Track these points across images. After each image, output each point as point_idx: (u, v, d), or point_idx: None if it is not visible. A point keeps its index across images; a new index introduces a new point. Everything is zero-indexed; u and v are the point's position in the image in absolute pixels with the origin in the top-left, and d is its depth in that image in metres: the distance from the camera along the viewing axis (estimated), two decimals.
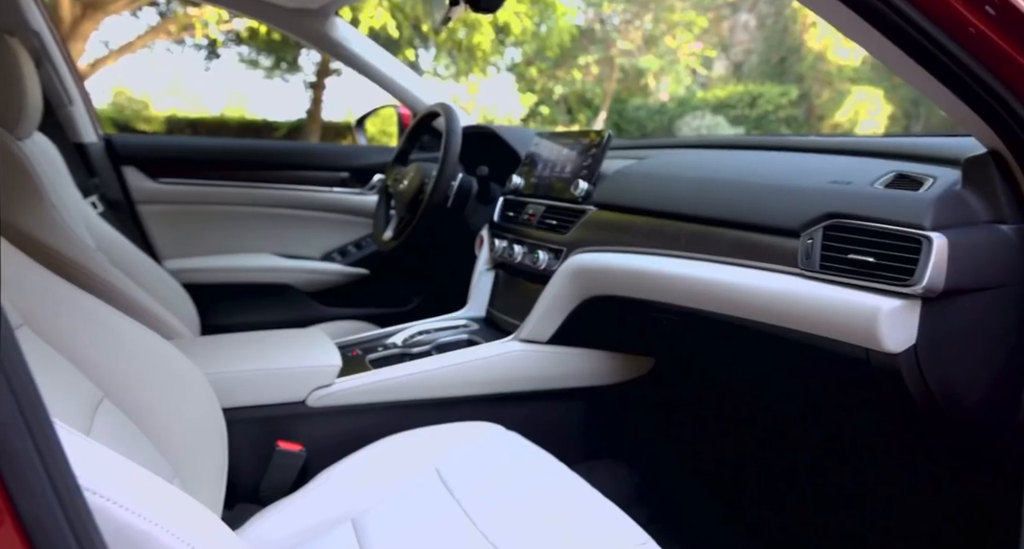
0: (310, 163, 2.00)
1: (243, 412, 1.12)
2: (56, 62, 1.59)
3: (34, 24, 1.52)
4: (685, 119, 10.10)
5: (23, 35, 1.50)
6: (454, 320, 1.51)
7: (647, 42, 10.21)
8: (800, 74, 10.22)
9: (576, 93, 10.70)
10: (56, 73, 1.59)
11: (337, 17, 1.72)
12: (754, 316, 0.97)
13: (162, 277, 1.61)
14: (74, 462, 0.52)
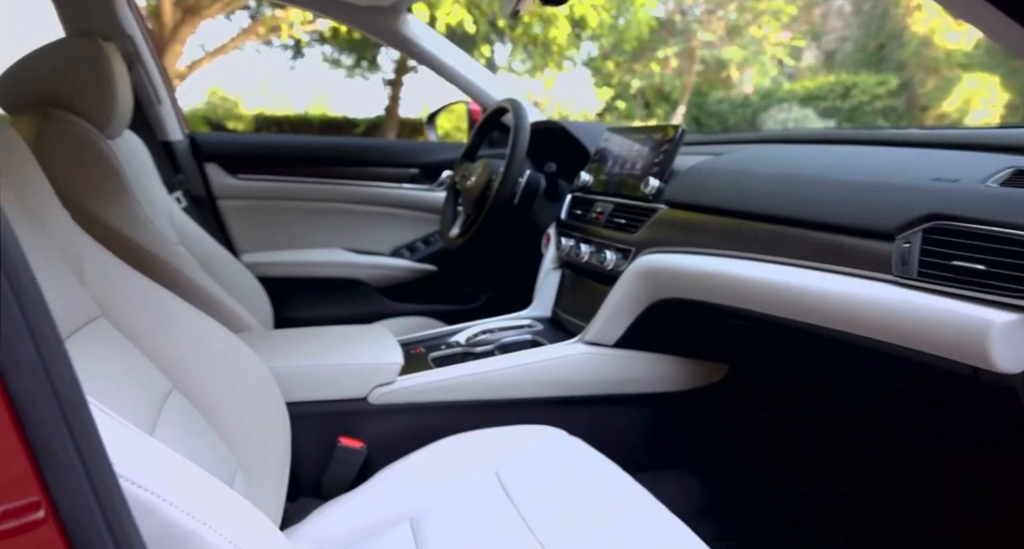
0: (381, 159, 2.02)
1: (306, 407, 1.14)
2: (147, 64, 1.67)
3: (128, 29, 1.60)
4: (770, 112, 9.65)
5: (118, 39, 1.58)
6: (518, 320, 1.49)
7: (730, 33, 9.84)
8: (901, 61, 9.53)
9: (654, 87, 10.44)
10: (147, 74, 1.67)
11: (409, 14, 1.72)
12: (838, 325, 0.89)
13: (239, 271, 1.67)
14: (128, 459, 0.53)
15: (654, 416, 1.36)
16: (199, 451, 0.86)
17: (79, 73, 1.23)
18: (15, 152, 0.81)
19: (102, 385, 0.73)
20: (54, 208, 0.85)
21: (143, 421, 0.77)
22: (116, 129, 1.33)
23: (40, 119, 1.17)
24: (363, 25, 1.70)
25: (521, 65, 9.94)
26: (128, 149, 1.45)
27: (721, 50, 9.76)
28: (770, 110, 9.66)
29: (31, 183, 0.82)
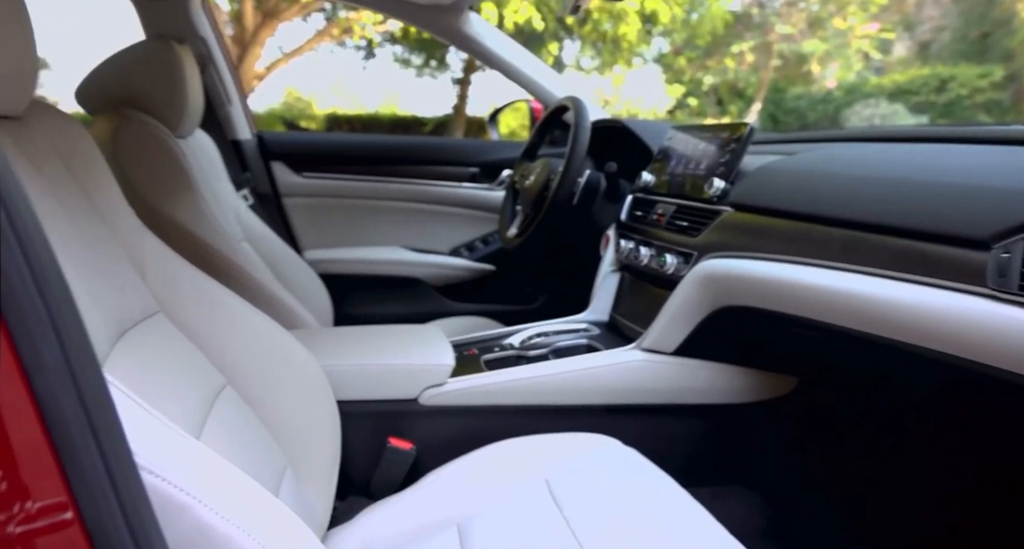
0: (442, 158, 2.02)
1: (357, 405, 1.14)
2: (219, 65, 1.73)
3: (202, 32, 1.66)
4: (855, 108, 9.13)
5: (192, 42, 1.64)
6: (574, 323, 1.45)
7: (811, 25, 9.41)
8: (1009, 51, 8.80)
9: (728, 83, 10.12)
10: (218, 75, 1.73)
11: (471, 12, 1.71)
12: (924, 342, 0.81)
13: (301, 267, 1.70)
14: (165, 457, 0.53)
15: (714, 428, 1.29)
16: (249, 447, 0.87)
17: (153, 75, 1.28)
18: (85, 151, 0.84)
19: (156, 379, 0.75)
20: (120, 206, 0.87)
21: (195, 416, 0.78)
22: (187, 129, 1.37)
23: (117, 119, 1.22)
24: (425, 24, 1.70)
25: (590, 62, 9.84)
26: (198, 148, 1.50)
27: (801, 44, 9.35)
28: (854, 106, 9.15)
29: (99, 181, 0.85)
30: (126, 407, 0.54)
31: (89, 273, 0.71)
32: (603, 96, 9.73)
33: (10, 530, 0.37)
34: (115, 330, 0.72)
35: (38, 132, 0.77)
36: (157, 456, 0.52)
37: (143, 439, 0.52)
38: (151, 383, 0.73)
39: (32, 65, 0.72)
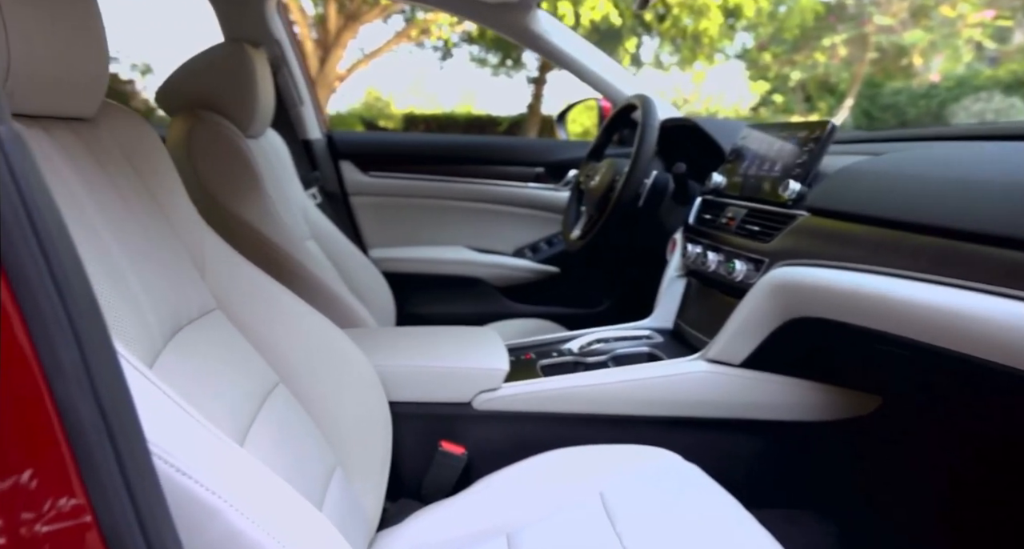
0: (507, 158, 2.00)
1: (409, 407, 1.14)
2: (292, 67, 1.77)
3: (277, 35, 1.71)
4: (963, 103, 8.38)
5: (268, 45, 1.69)
6: (636, 330, 1.40)
7: (914, 14, 8.79)
8: None
9: (817, 78, 9.61)
10: (291, 77, 1.78)
11: (539, 10, 1.68)
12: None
13: (365, 266, 1.72)
14: (200, 461, 0.53)
15: (784, 447, 1.21)
16: (298, 445, 0.88)
17: (225, 77, 1.32)
18: (151, 150, 0.87)
19: (207, 376, 0.76)
20: (183, 204, 0.90)
21: (244, 413, 0.79)
22: (257, 129, 1.41)
23: (191, 120, 1.27)
24: (493, 22, 1.68)
25: (669, 59, 9.61)
26: (269, 147, 1.54)
27: (902, 35, 8.76)
28: (962, 101, 8.43)
29: (164, 180, 0.87)
30: (164, 407, 0.54)
31: (147, 270, 0.72)
32: (681, 94, 9.48)
33: (34, 529, 0.37)
34: (170, 326, 0.74)
35: (106, 132, 0.80)
36: (192, 458, 0.52)
37: (179, 440, 0.52)
38: (202, 379, 0.74)
39: (103, 71, 0.74)
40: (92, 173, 0.71)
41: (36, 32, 0.61)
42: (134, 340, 0.64)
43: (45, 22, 0.62)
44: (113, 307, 0.63)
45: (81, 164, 0.70)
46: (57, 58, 0.65)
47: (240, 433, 0.75)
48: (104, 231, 0.68)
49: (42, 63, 0.63)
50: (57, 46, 0.64)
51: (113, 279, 0.65)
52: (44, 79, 0.64)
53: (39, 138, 0.65)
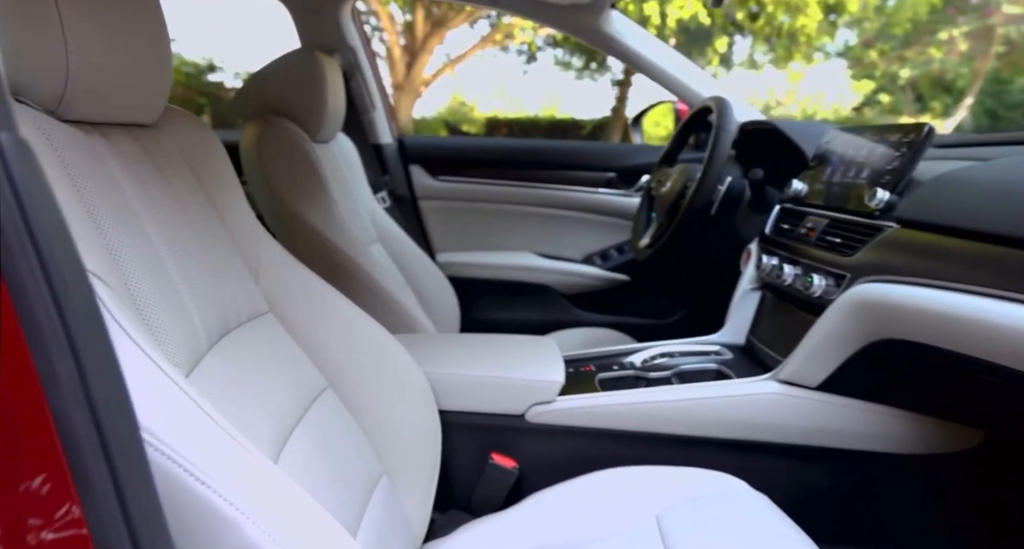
0: (577, 162, 1.96)
1: (460, 416, 1.12)
2: (365, 74, 1.81)
3: (351, 42, 1.75)
4: None
5: (342, 52, 1.73)
6: (705, 345, 1.32)
7: None
8: None
9: (930, 75, 8.91)
10: (364, 83, 1.81)
11: (613, 10, 1.63)
12: None
13: (430, 270, 1.73)
14: (223, 472, 0.52)
15: (864, 480, 1.11)
16: (341, 451, 0.87)
17: (296, 84, 1.35)
18: (211, 155, 0.89)
19: (252, 379, 0.76)
20: (240, 208, 0.91)
21: (287, 417, 0.79)
22: (326, 134, 1.44)
23: (263, 125, 1.31)
24: (564, 25, 1.64)
25: (763, 58, 9.23)
26: (339, 152, 1.57)
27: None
28: None
29: (222, 184, 0.89)
30: (190, 415, 0.54)
31: (195, 273, 0.74)
32: (775, 95, 9.07)
33: (30, 540, 0.38)
34: (216, 329, 0.75)
35: (168, 137, 0.82)
36: (213, 468, 0.52)
37: (202, 450, 0.52)
38: (245, 383, 0.75)
39: (166, 78, 0.76)
40: (148, 178, 0.73)
41: (96, 44, 0.63)
42: (176, 343, 0.65)
43: (106, 34, 0.64)
44: (154, 311, 0.64)
45: (138, 169, 0.72)
46: (118, 68, 0.67)
47: (280, 437, 0.75)
48: (155, 235, 0.69)
49: (102, 73, 0.65)
50: (118, 56, 0.66)
51: (159, 283, 0.66)
52: (104, 88, 0.66)
53: (96, 144, 0.67)
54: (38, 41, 0.58)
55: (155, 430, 0.51)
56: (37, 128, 0.58)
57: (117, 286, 0.58)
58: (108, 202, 0.63)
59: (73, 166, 0.61)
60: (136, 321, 0.56)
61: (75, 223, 0.55)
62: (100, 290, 0.54)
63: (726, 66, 9.13)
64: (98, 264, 0.55)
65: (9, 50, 0.57)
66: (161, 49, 0.73)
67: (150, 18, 0.72)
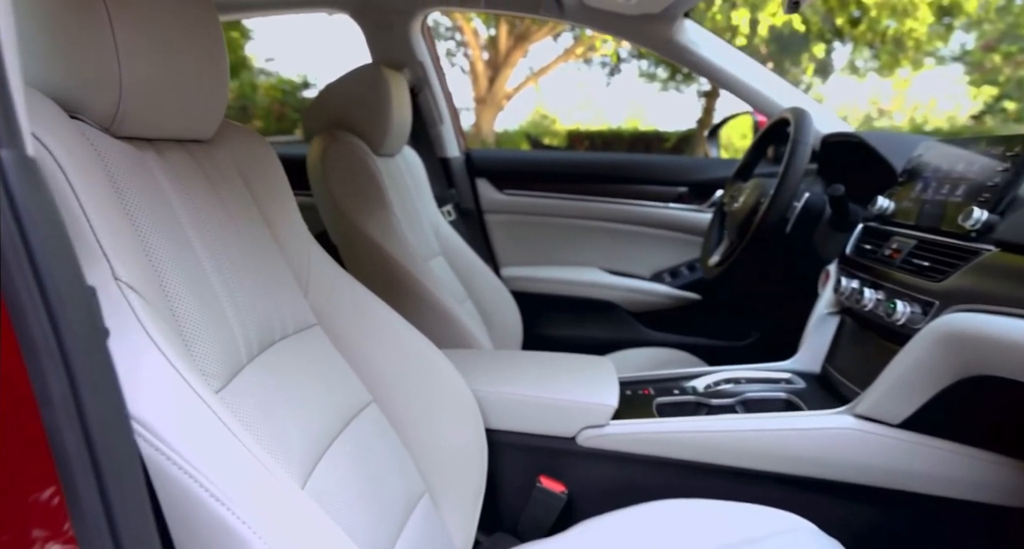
0: (648, 176, 1.90)
1: (509, 437, 1.09)
2: (434, 88, 1.83)
3: (420, 57, 1.77)
4: None
5: (411, 66, 1.76)
6: (775, 371, 1.24)
7: None
8: None
9: None
10: (433, 97, 1.83)
11: (686, 20, 1.57)
12: None
13: (494, 284, 1.71)
14: (242, 491, 0.52)
15: (951, 530, 1.00)
16: (380, 467, 0.86)
17: (361, 99, 1.38)
18: (266, 168, 0.91)
19: (291, 391, 0.77)
20: (292, 221, 0.93)
21: (325, 430, 0.79)
22: (391, 147, 1.46)
23: (328, 139, 1.34)
24: (634, 35, 1.60)
25: (865, 64, 8.74)
26: (404, 165, 1.59)
27: None
28: None
29: (276, 197, 0.91)
30: (214, 431, 0.54)
31: (240, 285, 0.75)
32: (878, 103, 8.56)
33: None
34: (259, 341, 0.76)
35: (224, 152, 0.84)
36: (231, 486, 0.52)
37: (222, 468, 0.52)
38: (283, 395, 0.75)
39: (223, 96, 0.78)
40: (199, 192, 0.75)
41: (149, 64, 0.65)
42: (213, 354, 0.66)
43: (159, 55, 0.66)
44: (193, 322, 0.65)
45: (188, 184, 0.74)
46: (170, 88, 0.69)
47: (316, 451, 0.75)
48: (200, 248, 0.71)
49: (154, 92, 0.67)
50: (171, 76, 0.68)
51: (200, 295, 0.67)
52: (157, 107, 0.69)
53: (148, 160, 0.69)
54: (92, 61, 0.61)
55: (174, 443, 0.51)
56: (89, 144, 0.61)
57: (154, 297, 0.59)
58: (153, 215, 0.65)
59: (121, 181, 0.63)
60: (168, 333, 0.57)
61: (117, 236, 0.57)
62: (133, 301, 0.55)
63: (823, 74, 8.71)
64: (134, 276, 0.57)
65: (65, 70, 0.60)
66: (216, 68, 0.75)
67: (207, 39, 0.74)
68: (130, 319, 0.54)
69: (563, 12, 1.57)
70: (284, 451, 0.69)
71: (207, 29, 0.74)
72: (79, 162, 0.56)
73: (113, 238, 0.56)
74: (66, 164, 0.54)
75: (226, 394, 0.66)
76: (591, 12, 1.55)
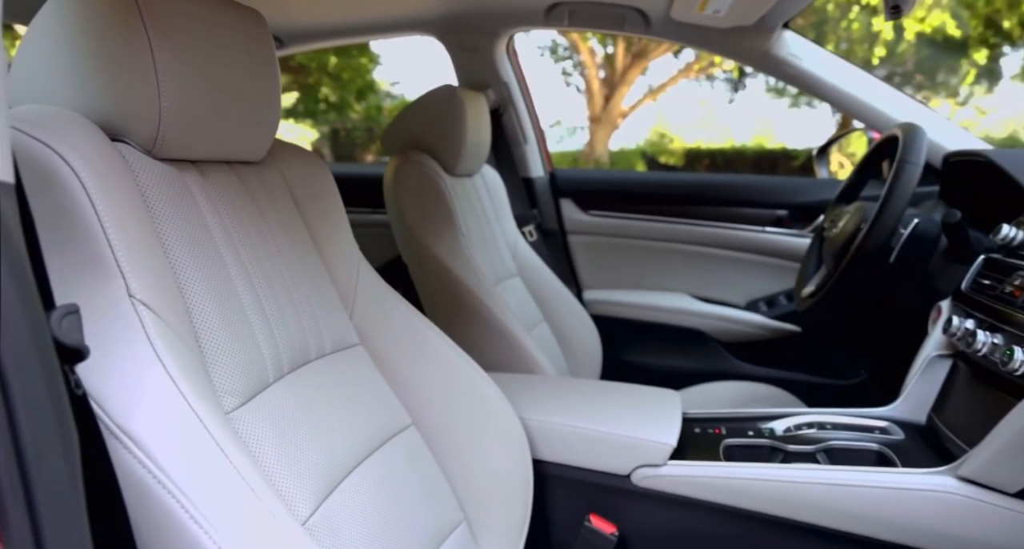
0: (743, 198, 1.77)
1: (559, 469, 1.04)
2: (519, 108, 1.82)
3: (505, 77, 1.77)
4: None
5: (496, 87, 1.77)
6: (869, 418, 1.09)
7: None
8: None
9: None
10: (517, 118, 1.82)
11: (786, 31, 1.46)
12: None
13: (572, 307, 1.66)
14: (231, 525, 0.52)
15: None
16: (412, 493, 0.84)
17: (436, 119, 1.40)
18: (320, 189, 0.92)
19: (321, 411, 0.77)
20: (342, 242, 0.94)
21: (353, 452, 0.78)
22: (467, 167, 1.46)
23: (401, 159, 1.37)
24: (726, 49, 1.51)
25: None
26: (482, 185, 1.59)
27: None
28: None
29: (326, 216, 0.92)
30: (207, 453, 0.54)
31: (273, 303, 0.76)
32: None
33: None
34: (290, 359, 0.76)
35: (273, 173, 0.87)
36: (213, 511, 0.52)
37: (206, 490, 0.52)
38: (308, 414, 0.75)
39: (275, 119, 0.81)
40: (238, 213, 0.77)
41: (189, 92, 0.68)
42: (234, 371, 0.67)
43: (200, 83, 0.69)
44: (215, 339, 0.67)
45: (228, 204, 0.76)
46: (212, 114, 0.71)
47: (334, 473, 0.74)
48: (233, 267, 0.73)
49: (194, 118, 0.69)
50: (212, 104, 0.70)
51: (227, 313, 0.69)
52: (197, 131, 0.71)
53: (188, 180, 0.72)
54: (134, 90, 0.64)
55: (162, 462, 0.52)
56: (126, 165, 0.64)
57: (173, 314, 0.61)
58: (185, 234, 0.68)
59: (155, 200, 0.66)
60: (181, 350, 0.59)
61: (137, 253, 0.59)
62: (145, 318, 0.57)
63: (990, 81, 7.82)
64: (151, 293, 0.59)
65: (110, 97, 0.64)
66: (265, 95, 0.77)
67: (256, 66, 0.76)
68: (139, 335, 0.56)
69: (649, 27, 1.52)
70: (296, 474, 0.69)
71: (257, 58, 0.76)
72: (107, 182, 0.59)
73: (132, 256, 0.59)
74: (90, 183, 0.57)
75: (244, 412, 0.67)
76: (679, 26, 1.48)
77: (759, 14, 1.35)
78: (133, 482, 0.52)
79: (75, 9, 0.63)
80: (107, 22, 0.63)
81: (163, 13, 0.65)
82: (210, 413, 0.56)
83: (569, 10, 1.52)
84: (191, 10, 0.68)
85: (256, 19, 0.77)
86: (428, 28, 1.67)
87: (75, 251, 0.57)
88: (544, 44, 8.05)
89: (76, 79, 0.64)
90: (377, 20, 1.63)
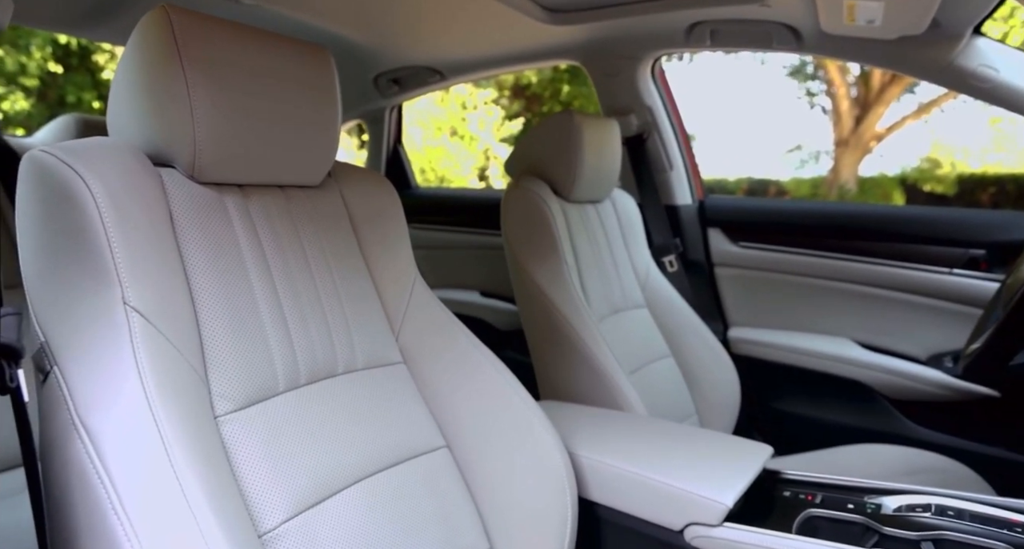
0: (926, 234, 1.47)
1: (608, 512, 0.98)
2: (664, 133, 1.74)
3: (648, 101, 1.72)
4: None
5: (639, 112, 1.72)
6: (1009, 509, 0.85)
7: None
8: None
9: None
10: (662, 142, 1.75)
11: (977, 38, 1.21)
12: None
13: (708, 343, 1.54)
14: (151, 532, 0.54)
15: None
16: (428, 515, 0.84)
17: (552, 145, 1.41)
18: (380, 212, 0.96)
19: (332, 425, 0.79)
20: (396, 264, 0.96)
21: (361, 465, 0.79)
22: (585, 194, 1.45)
23: (515, 185, 1.40)
24: (896, 62, 1.29)
25: None
26: (611, 212, 1.56)
27: None
28: None
29: (385, 241, 0.96)
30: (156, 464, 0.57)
31: (297, 319, 0.81)
32: None
33: None
34: (308, 372, 0.80)
35: (330, 196, 0.91)
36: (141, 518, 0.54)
37: (144, 498, 0.55)
38: (313, 426, 0.77)
39: (332, 146, 0.85)
40: (278, 233, 0.82)
41: (221, 122, 0.72)
42: (235, 379, 0.71)
43: (234, 114, 0.73)
44: (220, 348, 0.72)
45: (265, 225, 0.81)
46: (247, 141, 0.76)
47: (331, 482, 0.76)
48: (258, 284, 0.78)
49: (230, 145, 0.74)
50: (249, 133, 0.75)
51: (237, 326, 0.74)
52: (235, 157, 0.76)
53: (226, 202, 0.79)
54: (174, 121, 0.71)
55: (108, 461, 0.56)
56: (160, 186, 0.72)
57: (171, 323, 0.66)
58: (208, 250, 0.74)
59: (182, 218, 0.73)
60: (170, 357, 0.63)
61: (139, 264, 0.65)
62: (135, 324, 0.62)
63: None
64: (147, 302, 0.64)
65: (154, 128, 0.73)
66: (320, 124, 0.82)
67: (312, 96, 0.80)
68: (123, 341, 0.60)
69: (801, 43, 1.37)
70: (275, 480, 0.70)
71: (314, 88, 0.80)
72: (120, 200, 0.65)
73: (134, 266, 0.64)
74: (102, 201, 0.63)
75: (238, 416, 0.71)
76: (834, 41, 1.32)
77: (925, 21, 1.15)
78: (76, 469, 0.57)
79: (133, 53, 0.72)
80: (154, 62, 0.71)
81: (200, 55, 0.71)
82: (174, 421, 0.59)
83: (711, 29, 1.44)
84: (230, 47, 0.73)
85: (318, 54, 0.82)
86: (572, 54, 1.70)
87: (84, 262, 0.62)
88: (791, 63, 7.47)
89: (133, 114, 0.73)
90: (526, 49, 1.70)
